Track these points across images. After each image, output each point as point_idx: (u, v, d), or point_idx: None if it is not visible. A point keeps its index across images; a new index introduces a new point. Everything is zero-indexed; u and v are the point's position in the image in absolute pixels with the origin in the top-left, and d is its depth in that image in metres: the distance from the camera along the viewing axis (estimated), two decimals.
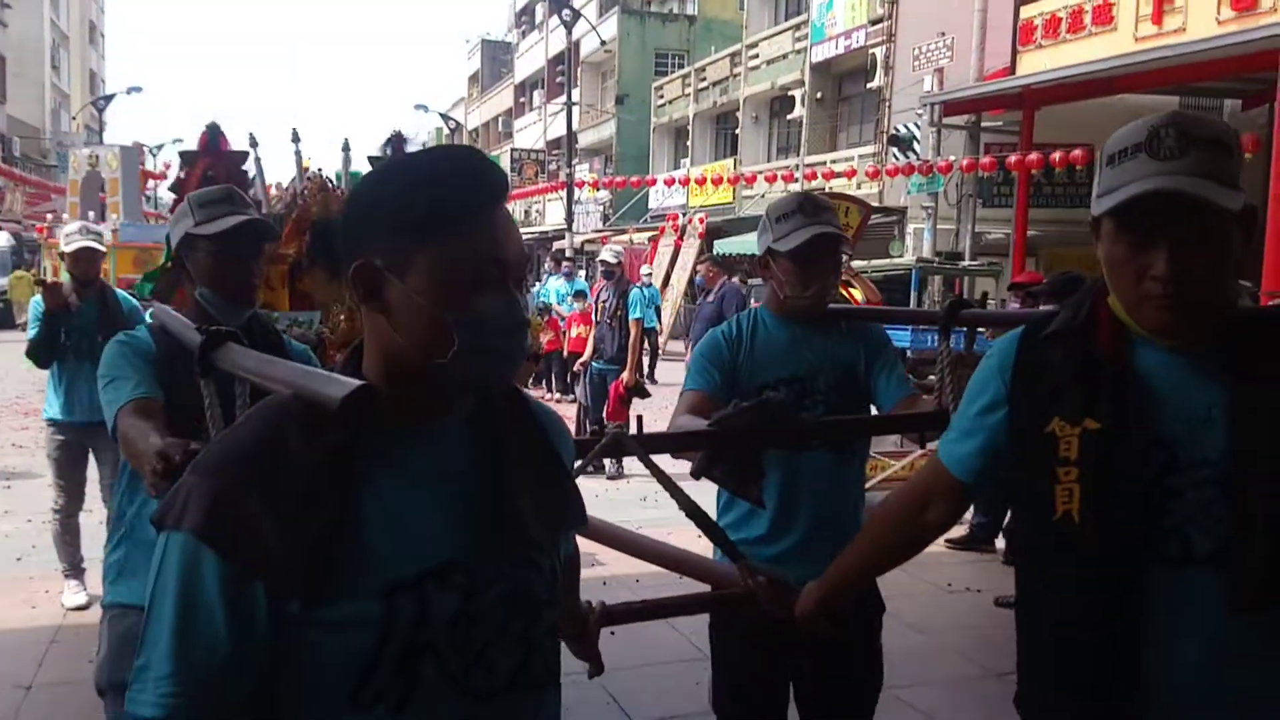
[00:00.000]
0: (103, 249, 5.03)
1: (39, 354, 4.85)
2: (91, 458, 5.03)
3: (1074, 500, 1.46)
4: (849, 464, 2.55)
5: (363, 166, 4.19)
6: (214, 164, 4.03)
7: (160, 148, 51.12)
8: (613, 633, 4.53)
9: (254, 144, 4.32)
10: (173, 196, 4.31)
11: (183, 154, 4.21)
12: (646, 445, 2.19)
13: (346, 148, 4.31)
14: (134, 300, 4.92)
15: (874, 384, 2.56)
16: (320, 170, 4.25)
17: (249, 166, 4.24)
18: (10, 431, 9.81)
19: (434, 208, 1.17)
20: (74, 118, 48.56)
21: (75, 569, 5.01)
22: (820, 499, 2.46)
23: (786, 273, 2.46)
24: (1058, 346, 1.54)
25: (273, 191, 4.46)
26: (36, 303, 4.84)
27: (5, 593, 5.00)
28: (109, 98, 43.58)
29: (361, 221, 1.22)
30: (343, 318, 3.68)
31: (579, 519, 1.44)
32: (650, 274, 14.56)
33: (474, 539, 1.20)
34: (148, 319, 2.98)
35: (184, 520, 1.11)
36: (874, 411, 2.65)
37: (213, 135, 4.11)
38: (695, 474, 2.23)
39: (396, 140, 4.31)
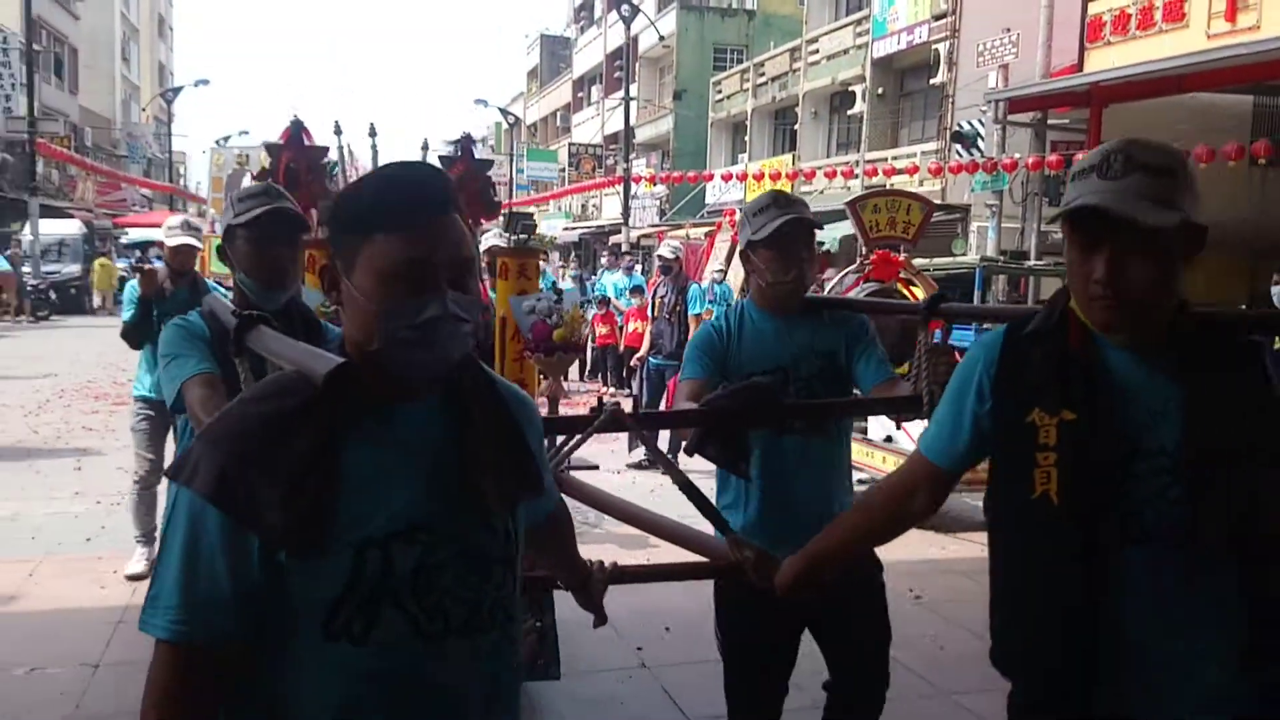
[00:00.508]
0: (200, 245, 5.33)
1: (132, 335, 5.12)
2: (171, 435, 5.24)
3: (1052, 482, 1.65)
4: (832, 446, 2.70)
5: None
6: (296, 156, 4.21)
7: (227, 139, 52.17)
8: (668, 629, 4.53)
9: (338, 131, 4.49)
10: None
11: (268, 146, 4.40)
12: (643, 423, 2.43)
13: (425, 147, 4.42)
14: (222, 289, 5.18)
15: (855, 370, 2.71)
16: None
17: (331, 158, 4.38)
18: (82, 415, 10.07)
19: (372, 213, 1.36)
20: (143, 109, 49.70)
21: (147, 536, 5.26)
22: (805, 479, 2.60)
23: (766, 261, 2.63)
24: (1037, 345, 1.73)
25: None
26: (132, 287, 5.11)
27: (74, 572, 5.13)
28: (177, 90, 44.53)
29: (331, 224, 1.44)
30: None
31: (536, 488, 1.58)
32: (723, 270, 14.49)
33: (438, 505, 1.40)
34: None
35: (194, 481, 1.32)
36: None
37: (295, 130, 4.28)
38: (689, 451, 2.46)
39: (465, 141, 4.46)
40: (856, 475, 7.41)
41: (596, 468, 3.69)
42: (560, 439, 2.53)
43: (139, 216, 35.92)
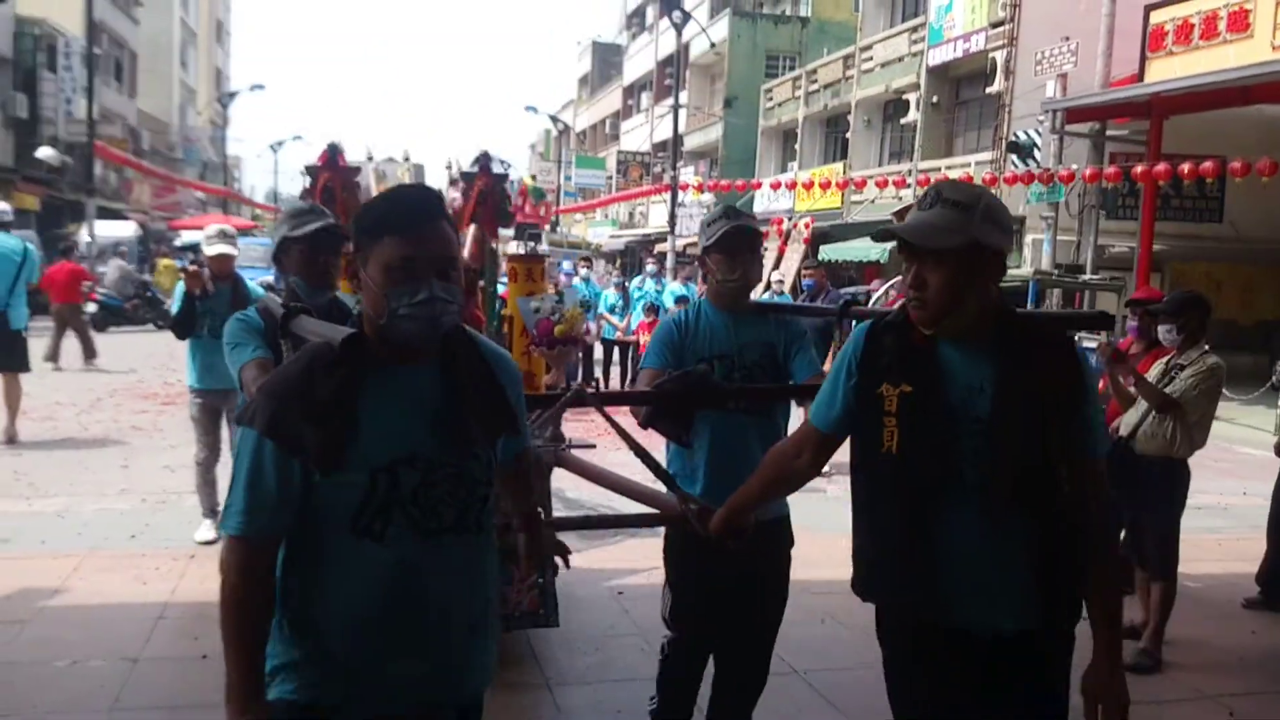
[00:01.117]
0: (235, 252, 5.92)
1: (177, 327, 5.78)
2: (225, 420, 5.84)
3: (894, 440, 2.16)
4: (768, 424, 3.13)
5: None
6: (333, 177, 4.66)
7: (281, 144, 53.04)
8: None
9: (370, 158, 5.27)
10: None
11: (308, 168, 4.78)
12: (602, 400, 2.93)
13: (449, 166, 5.27)
14: (260, 289, 5.85)
15: (791, 365, 3.16)
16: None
17: (362, 179, 4.90)
18: (131, 414, 10.23)
19: (380, 222, 1.88)
20: (199, 113, 50.70)
21: (212, 512, 5.75)
22: (743, 452, 2.96)
23: (717, 263, 3.14)
24: (889, 335, 2.22)
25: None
26: (180, 285, 5.73)
27: (118, 569, 5.19)
28: (233, 94, 45.38)
29: (353, 230, 1.95)
30: None
31: (512, 428, 2.08)
32: (782, 280, 14.37)
33: (434, 439, 1.90)
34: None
35: (255, 422, 1.83)
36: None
37: (332, 153, 4.72)
38: (642, 425, 3.02)
39: (484, 159, 5.00)
40: None
41: (594, 446, 4.12)
42: (536, 413, 3.06)
43: (194, 219, 36.53)
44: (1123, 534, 5.52)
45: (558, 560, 2.73)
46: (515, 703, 3.86)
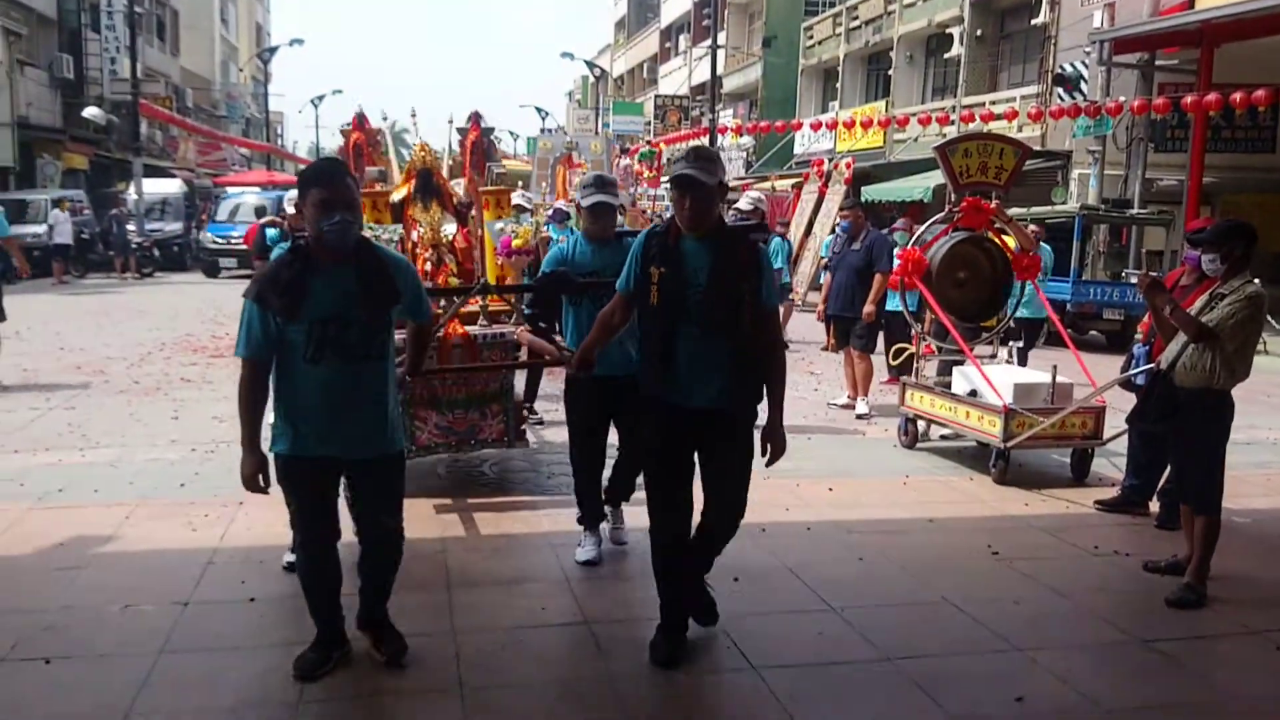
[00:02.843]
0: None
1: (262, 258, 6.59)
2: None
3: (654, 297, 3.64)
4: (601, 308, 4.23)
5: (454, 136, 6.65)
6: (360, 136, 6.26)
7: (322, 98, 53.12)
8: (736, 579, 4.50)
9: (384, 117, 6.82)
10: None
11: (342, 130, 6.45)
12: (487, 290, 5.54)
13: (450, 121, 6.67)
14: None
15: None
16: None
17: (381, 137, 6.51)
18: (180, 367, 10.42)
19: (310, 179, 3.37)
20: (241, 69, 50.83)
21: None
22: (589, 324, 4.28)
23: (587, 219, 4.85)
24: (656, 237, 3.73)
25: (420, 151, 6.10)
26: (274, 233, 6.86)
27: (168, 516, 5.32)
28: (273, 50, 45.42)
29: (298, 181, 3.51)
30: (427, 230, 5.90)
31: (396, 300, 3.47)
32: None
33: (350, 306, 3.31)
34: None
35: (249, 295, 3.32)
36: None
37: (360, 119, 6.37)
38: (526, 306, 5.92)
39: (476, 116, 6.69)
40: (940, 431, 7.28)
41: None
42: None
43: (238, 176, 36.82)
44: (1167, 469, 5.47)
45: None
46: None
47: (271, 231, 7.16)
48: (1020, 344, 9.11)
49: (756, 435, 3.74)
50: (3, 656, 3.63)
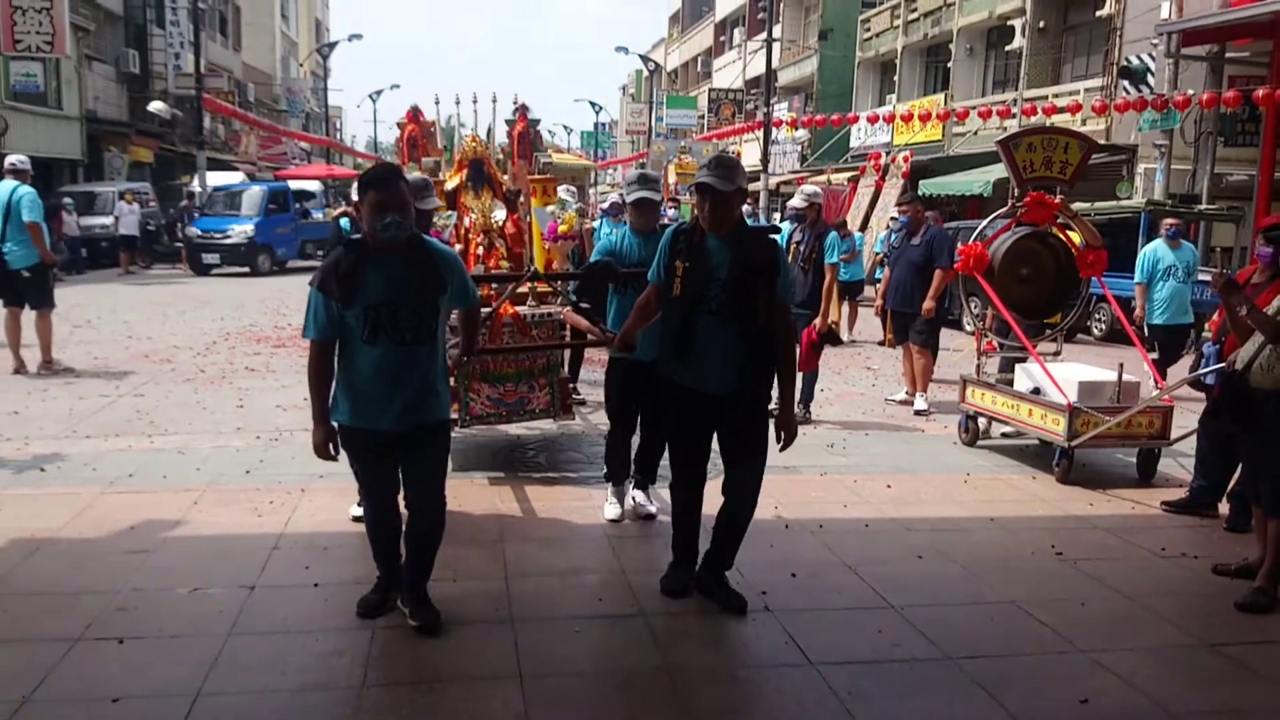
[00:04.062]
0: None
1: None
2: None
3: (679, 288, 4.00)
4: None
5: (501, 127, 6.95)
6: (416, 129, 6.70)
7: (379, 93, 53.73)
8: (794, 574, 4.49)
9: (436, 101, 6.85)
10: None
11: (399, 124, 6.85)
12: (536, 277, 5.92)
13: (492, 100, 6.88)
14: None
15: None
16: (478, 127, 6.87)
17: (434, 130, 6.88)
18: (245, 356, 10.62)
19: (368, 183, 3.66)
20: (301, 64, 51.59)
21: None
22: (629, 309, 4.61)
23: (631, 215, 5.38)
24: (683, 234, 4.08)
25: (471, 141, 6.63)
26: (346, 224, 6.92)
27: (234, 502, 5.44)
28: (332, 45, 46.01)
29: (358, 184, 3.83)
30: (479, 216, 6.37)
31: (444, 290, 3.76)
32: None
33: (401, 295, 3.66)
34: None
35: (314, 283, 3.69)
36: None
37: (414, 112, 6.74)
38: (574, 295, 5.88)
39: (522, 109, 6.90)
40: (1001, 428, 7.16)
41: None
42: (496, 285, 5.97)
43: (298, 169, 37.39)
44: (1238, 470, 5.34)
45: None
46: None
47: (344, 222, 7.62)
48: (1156, 355, 8.59)
49: (771, 424, 4.10)
50: (78, 636, 3.74)
